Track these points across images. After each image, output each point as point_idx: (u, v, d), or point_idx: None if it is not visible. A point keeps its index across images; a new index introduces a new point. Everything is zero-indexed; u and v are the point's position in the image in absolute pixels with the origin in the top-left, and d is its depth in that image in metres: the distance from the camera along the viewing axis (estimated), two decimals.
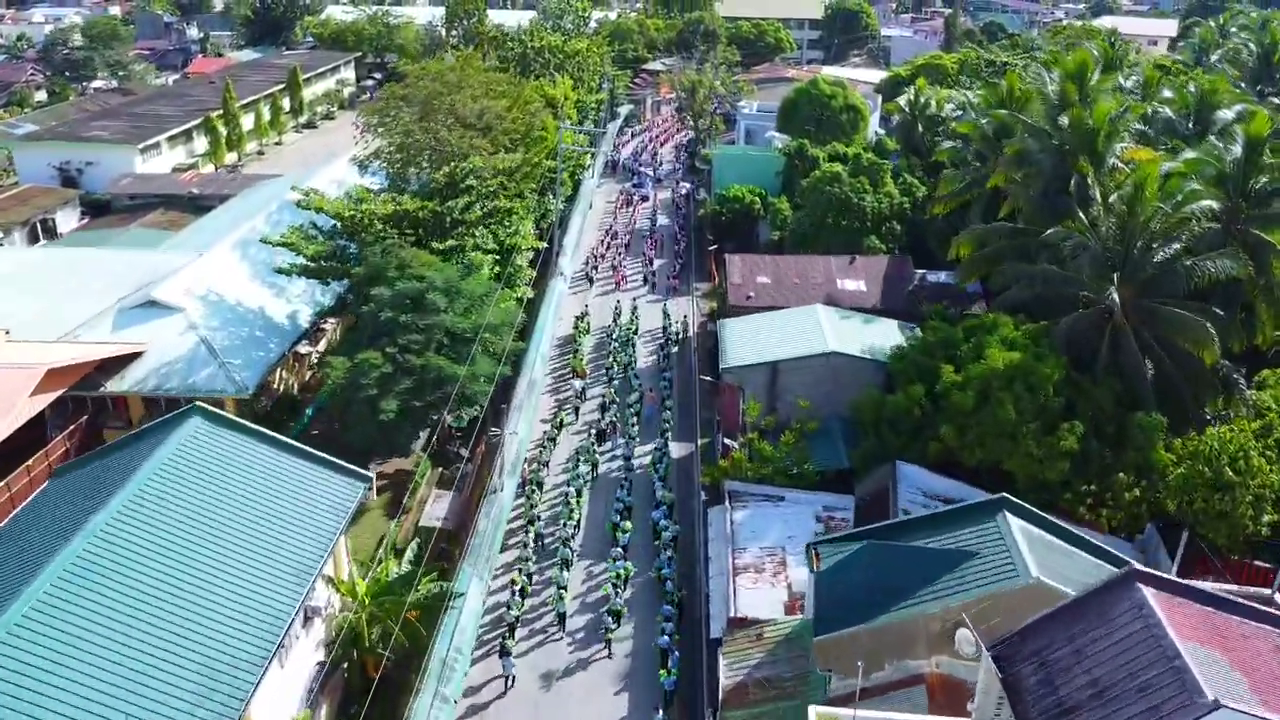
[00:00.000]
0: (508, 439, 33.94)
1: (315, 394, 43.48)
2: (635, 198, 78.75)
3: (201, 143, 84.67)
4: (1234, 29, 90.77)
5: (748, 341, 38.50)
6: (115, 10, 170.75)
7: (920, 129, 63.13)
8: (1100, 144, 35.44)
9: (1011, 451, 29.25)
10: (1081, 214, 34.47)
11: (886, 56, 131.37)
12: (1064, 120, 36.23)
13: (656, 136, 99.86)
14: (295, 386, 45.83)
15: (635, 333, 53.16)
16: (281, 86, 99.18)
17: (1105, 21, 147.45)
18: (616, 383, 47.50)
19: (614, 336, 51.34)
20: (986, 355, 30.23)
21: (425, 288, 35.39)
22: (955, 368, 31.24)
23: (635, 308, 55.80)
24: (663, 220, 73.56)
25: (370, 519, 36.97)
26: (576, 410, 46.42)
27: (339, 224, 40.32)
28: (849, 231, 50.16)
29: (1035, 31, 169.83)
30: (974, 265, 38.63)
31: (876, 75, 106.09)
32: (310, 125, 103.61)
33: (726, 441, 34.23)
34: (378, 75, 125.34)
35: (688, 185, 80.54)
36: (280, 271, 39.90)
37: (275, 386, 43.44)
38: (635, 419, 44.47)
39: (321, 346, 47.41)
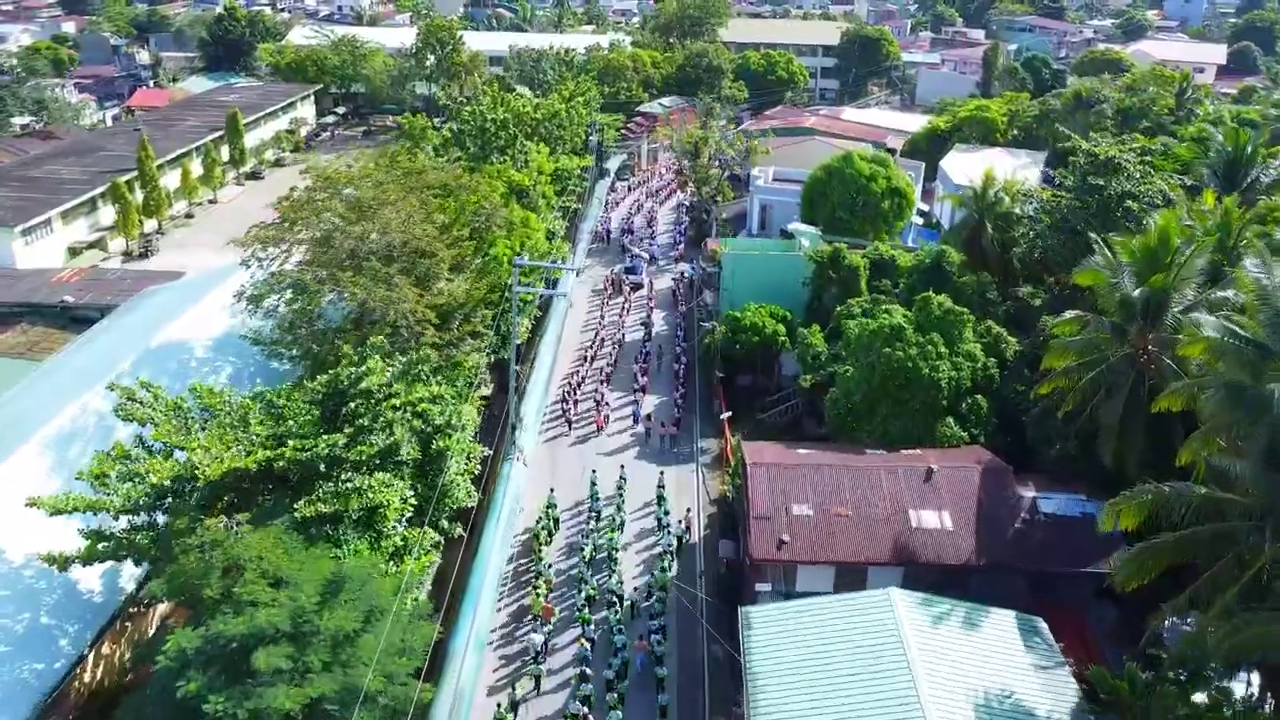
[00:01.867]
0: None
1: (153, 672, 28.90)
2: (627, 285, 64.19)
3: (110, 212, 69.94)
4: None
5: (787, 669, 23.92)
6: (69, 27, 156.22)
7: (990, 230, 48.58)
8: None
9: None
10: None
11: (911, 91, 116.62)
12: None
13: (655, 192, 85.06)
14: (126, 656, 31.29)
15: (620, 531, 38.56)
16: (219, 134, 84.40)
17: (1148, 47, 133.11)
18: (593, 632, 33.20)
19: (588, 556, 36.73)
20: None
21: (256, 633, 20.82)
22: None
23: (622, 483, 41.34)
24: (660, 324, 58.98)
25: None
26: (537, 682, 32.08)
27: (167, 476, 25.61)
28: (916, 412, 35.65)
29: (1064, 52, 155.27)
30: (1144, 571, 23.84)
31: (905, 119, 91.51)
32: (254, 176, 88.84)
33: None
34: (341, 110, 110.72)
35: (689, 269, 65.93)
36: (50, 562, 25.22)
37: (83, 684, 28.96)
38: (618, 702, 30.20)
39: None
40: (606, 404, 49.00)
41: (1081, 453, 32.32)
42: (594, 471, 41.96)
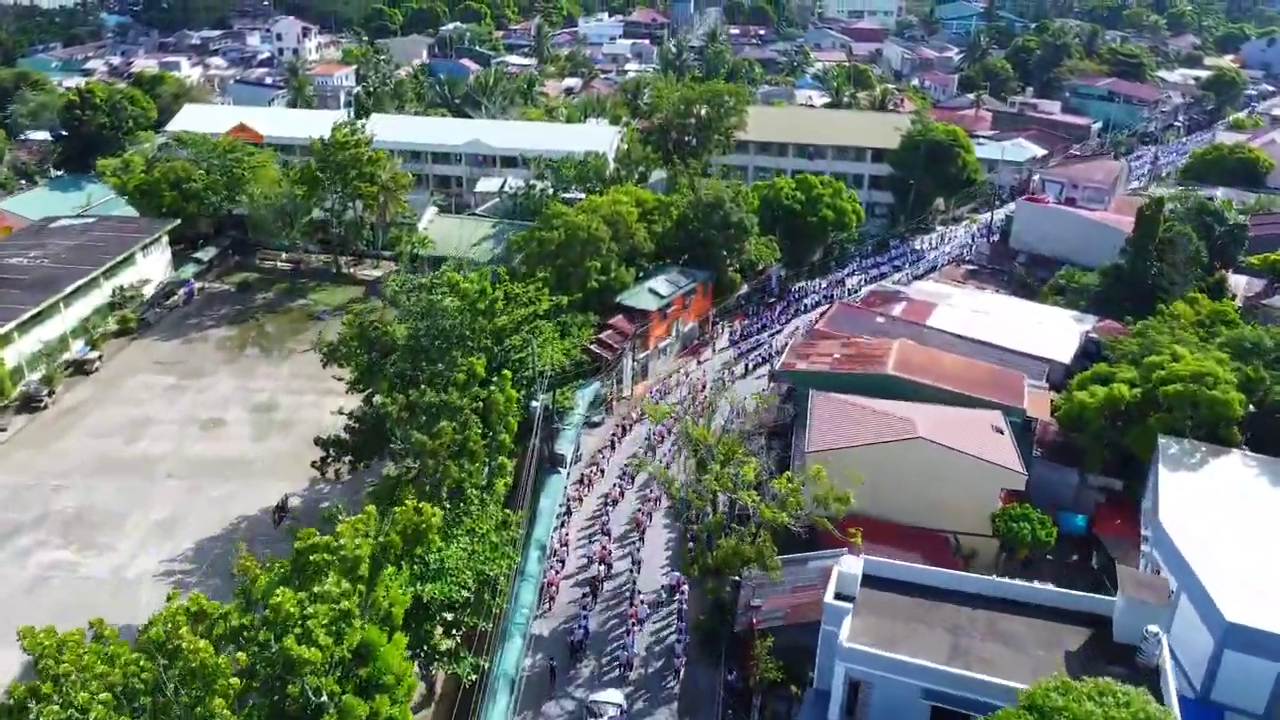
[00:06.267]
0: None
1: None
2: None
3: None
4: None
5: None
6: None
7: None
8: None
9: None
10: None
11: (990, 202, 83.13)
12: None
13: (651, 445, 51.36)
14: None
15: None
16: None
17: None
18: None
19: None
20: None
21: None
22: None
23: None
24: None
25: None
26: None
27: None
28: None
29: (1153, 124, 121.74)
30: None
31: (1026, 319, 58.32)
32: (31, 404, 55.28)
33: None
34: (206, 254, 76.09)
35: None
36: None
37: None
38: None
39: None
40: None
41: None
42: None
